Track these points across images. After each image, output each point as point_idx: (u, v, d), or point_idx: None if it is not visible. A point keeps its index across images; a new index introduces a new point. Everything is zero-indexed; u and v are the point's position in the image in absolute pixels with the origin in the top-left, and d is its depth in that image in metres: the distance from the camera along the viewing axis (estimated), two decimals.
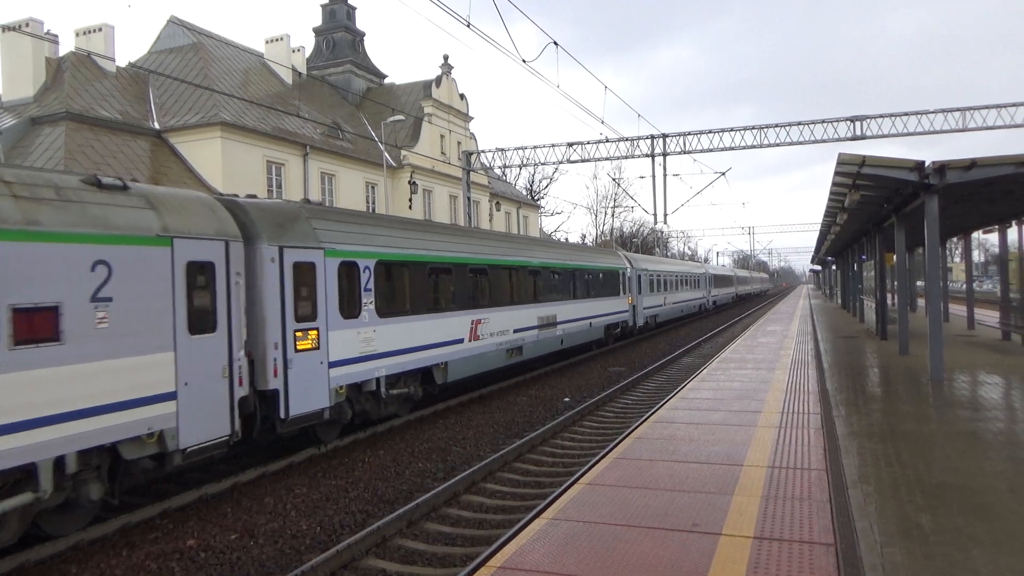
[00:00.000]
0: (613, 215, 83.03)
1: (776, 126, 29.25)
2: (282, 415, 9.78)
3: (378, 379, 12.17)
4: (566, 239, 73.87)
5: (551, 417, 14.63)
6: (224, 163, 28.79)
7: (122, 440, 7.61)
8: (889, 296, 25.94)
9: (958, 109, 27.13)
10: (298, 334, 10.14)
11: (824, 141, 28.56)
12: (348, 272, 11.57)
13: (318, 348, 10.53)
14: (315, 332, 10.49)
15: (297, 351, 10.09)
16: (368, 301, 11.96)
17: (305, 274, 10.46)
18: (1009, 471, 7.28)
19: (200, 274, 8.63)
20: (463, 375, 15.36)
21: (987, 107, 26.95)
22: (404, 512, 8.35)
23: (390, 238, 12.99)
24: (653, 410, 11.43)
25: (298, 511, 8.94)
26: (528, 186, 72.42)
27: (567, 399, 16.83)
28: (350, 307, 11.54)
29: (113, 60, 29.68)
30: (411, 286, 13.45)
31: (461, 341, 15.18)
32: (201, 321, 8.59)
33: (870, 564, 5.07)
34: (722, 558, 5.24)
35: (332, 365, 10.82)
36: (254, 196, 11.02)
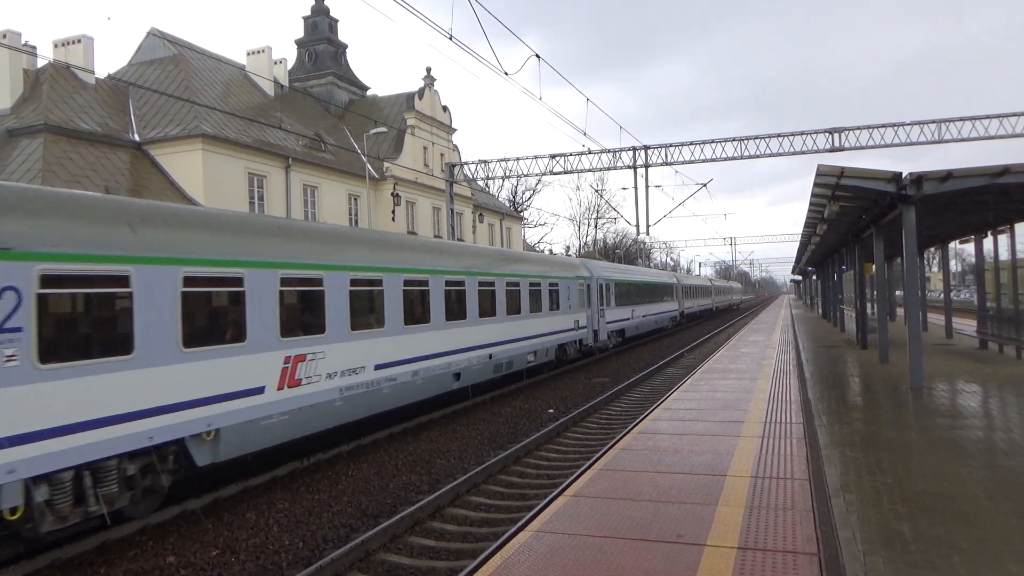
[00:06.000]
0: (596, 226, 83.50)
1: (756, 138, 29.56)
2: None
3: None
4: (549, 250, 74.02)
5: (536, 429, 14.61)
6: (205, 175, 28.59)
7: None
8: (869, 306, 26.23)
9: (934, 121, 27.59)
10: None
11: (804, 153, 28.89)
12: None
13: None
14: None
15: None
16: None
17: None
18: (987, 478, 7.37)
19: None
20: None
21: (962, 119, 27.44)
22: (388, 526, 8.29)
23: None
24: (637, 421, 11.45)
25: (280, 526, 8.85)
26: (511, 198, 72.66)
27: (551, 410, 16.82)
28: None
29: (92, 72, 29.44)
30: None
31: None
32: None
33: (853, 573, 5.10)
34: (707, 569, 5.25)
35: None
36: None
